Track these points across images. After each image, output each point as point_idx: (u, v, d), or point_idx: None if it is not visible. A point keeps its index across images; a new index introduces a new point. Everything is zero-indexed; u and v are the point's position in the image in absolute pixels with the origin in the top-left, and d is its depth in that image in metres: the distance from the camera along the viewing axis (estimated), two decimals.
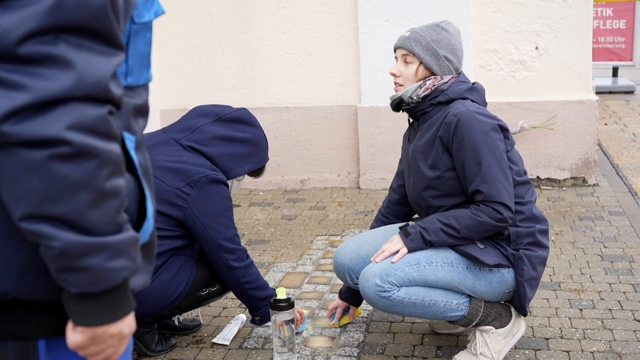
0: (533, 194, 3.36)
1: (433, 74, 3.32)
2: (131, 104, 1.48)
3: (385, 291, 3.15)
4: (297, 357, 3.51)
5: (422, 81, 3.32)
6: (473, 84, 3.41)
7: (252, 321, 3.59)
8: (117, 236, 1.33)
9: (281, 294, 3.43)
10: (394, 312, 3.24)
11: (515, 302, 3.34)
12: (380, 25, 6.34)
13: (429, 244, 3.23)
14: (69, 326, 1.39)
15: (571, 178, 6.42)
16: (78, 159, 1.26)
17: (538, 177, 6.45)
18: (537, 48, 6.30)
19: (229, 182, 3.51)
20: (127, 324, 1.42)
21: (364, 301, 3.80)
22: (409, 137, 3.53)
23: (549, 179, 6.44)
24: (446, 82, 3.30)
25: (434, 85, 3.29)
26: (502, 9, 6.30)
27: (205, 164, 3.38)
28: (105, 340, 1.40)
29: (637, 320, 3.79)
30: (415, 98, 3.32)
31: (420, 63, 3.32)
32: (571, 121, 6.33)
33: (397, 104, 3.43)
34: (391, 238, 3.33)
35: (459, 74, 3.38)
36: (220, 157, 3.44)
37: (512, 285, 3.29)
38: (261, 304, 3.50)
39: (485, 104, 3.39)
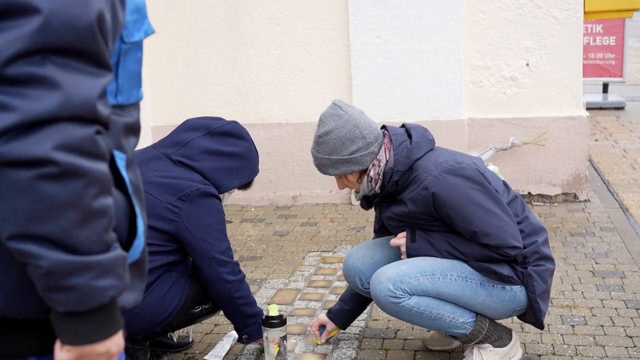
0: (525, 206, 3.37)
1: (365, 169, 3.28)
2: (122, 123, 1.49)
3: (396, 297, 3.15)
4: None
5: (366, 176, 3.27)
6: (406, 130, 3.35)
7: (240, 340, 3.57)
8: (105, 255, 1.34)
9: (273, 310, 3.42)
10: (399, 317, 3.25)
11: (530, 317, 3.36)
12: (371, 41, 6.36)
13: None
14: (57, 345, 1.39)
15: (562, 194, 6.43)
16: (65, 179, 1.27)
17: (529, 193, 6.46)
18: (527, 64, 6.33)
19: (220, 196, 3.50)
20: (115, 343, 1.41)
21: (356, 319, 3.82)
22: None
23: (540, 195, 6.45)
24: (386, 161, 3.24)
25: (378, 174, 3.25)
26: (493, 25, 6.33)
27: (197, 178, 3.37)
28: (93, 359, 1.39)
29: (629, 337, 3.79)
30: (375, 191, 3.31)
31: (346, 174, 3.31)
32: (562, 137, 6.35)
33: (367, 203, 3.46)
34: (399, 235, 3.35)
35: (384, 135, 3.30)
36: (210, 172, 3.42)
37: (524, 303, 3.30)
38: (249, 321, 3.49)
39: (429, 140, 3.32)
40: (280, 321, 3.42)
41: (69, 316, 1.35)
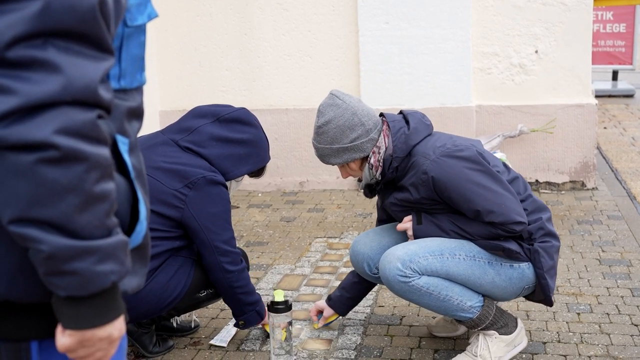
0: (527, 186, 3.39)
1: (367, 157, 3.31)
2: (125, 107, 1.48)
3: (405, 276, 3.16)
4: None
5: (367, 164, 3.31)
6: (403, 116, 3.37)
7: (237, 325, 3.59)
8: (106, 240, 1.33)
9: (279, 296, 3.42)
10: (406, 298, 3.25)
11: (538, 295, 3.36)
12: (380, 27, 6.34)
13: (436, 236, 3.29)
14: (58, 329, 1.39)
15: (570, 182, 6.41)
16: (66, 163, 1.26)
17: (537, 180, 6.44)
18: (536, 51, 6.30)
19: (227, 184, 3.50)
20: (117, 328, 1.41)
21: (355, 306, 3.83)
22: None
23: (547, 183, 6.44)
24: (385, 147, 3.27)
25: (378, 161, 3.28)
26: (502, 12, 6.30)
27: (204, 165, 3.36)
28: (95, 344, 1.40)
29: (635, 325, 3.79)
30: (377, 178, 3.34)
31: (348, 162, 3.33)
32: (570, 125, 6.33)
33: (370, 191, 3.47)
34: (404, 219, 3.36)
35: (382, 121, 3.34)
36: (217, 159, 3.42)
37: (532, 281, 3.31)
38: (247, 308, 3.50)
39: (426, 126, 3.35)
40: (286, 307, 3.42)
41: (70, 301, 1.35)
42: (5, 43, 1.23)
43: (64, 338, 1.39)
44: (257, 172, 3.62)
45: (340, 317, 3.86)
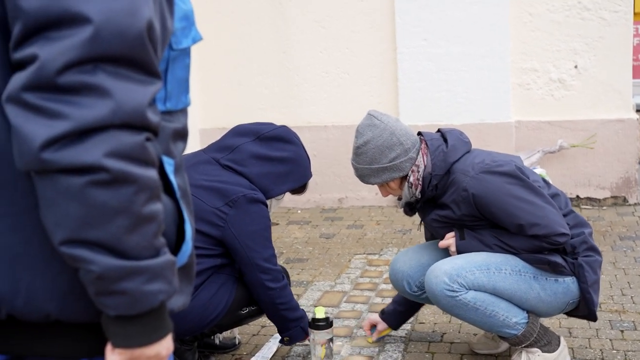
0: (568, 202, 3.39)
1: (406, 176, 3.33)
2: (170, 129, 1.51)
3: (453, 291, 3.16)
4: None
5: (406, 182, 3.32)
6: (441, 134, 3.39)
7: (281, 341, 3.59)
8: (154, 260, 1.36)
9: (319, 313, 3.44)
10: (452, 313, 3.25)
11: (582, 310, 3.35)
12: (418, 44, 6.35)
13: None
14: (108, 348, 1.42)
15: (611, 197, 6.36)
16: (116, 186, 1.29)
17: (578, 196, 6.40)
18: (576, 67, 6.27)
19: (267, 202, 3.52)
20: (165, 346, 1.44)
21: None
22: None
23: (588, 198, 6.39)
24: (424, 166, 3.29)
25: (417, 179, 3.30)
26: (541, 27, 6.28)
27: (244, 184, 3.38)
28: None
29: None
30: (416, 196, 3.35)
31: (388, 182, 3.35)
32: (611, 140, 6.28)
33: (410, 209, 3.49)
34: (446, 236, 3.37)
35: (420, 140, 3.35)
36: (258, 177, 3.43)
37: (576, 295, 3.30)
38: (291, 324, 3.50)
39: (465, 143, 3.36)
40: (327, 323, 3.43)
41: (119, 320, 1.37)
42: (57, 69, 1.26)
43: (113, 356, 1.41)
44: (299, 189, 3.63)
45: (393, 330, 3.88)
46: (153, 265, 1.35)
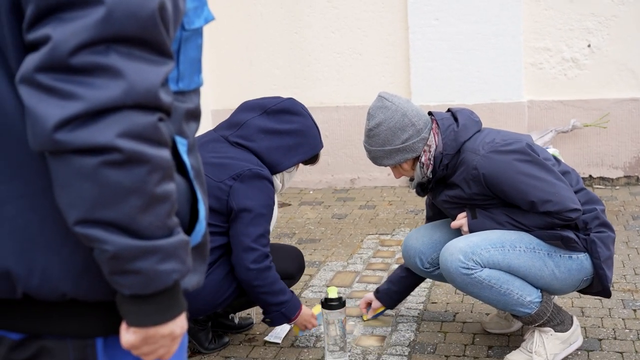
0: (579, 179, 3.38)
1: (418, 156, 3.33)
2: (183, 109, 1.52)
3: (468, 268, 3.17)
4: (349, 356, 3.53)
5: (418, 162, 3.33)
6: (452, 114, 3.39)
7: (264, 320, 3.52)
8: (168, 239, 1.37)
9: (332, 292, 3.44)
10: (467, 291, 3.26)
11: (596, 286, 3.35)
12: (430, 24, 6.33)
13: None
14: (123, 326, 1.43)
15: (624, 177, 6.34)
16: (129, 166, 1.30)
17: (590, 175, 6.38)
18: (589, 46, 6.23)
19: (278, 175, 3.50)
20: (179, 325, 1.45)
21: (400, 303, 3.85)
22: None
23: (601, 178, 6.37)
24: (436, 145, 3.29)
25: (429, 159, 3.30)
26: (554, 6, 6.24)
27: (252, 160, 3.37)
28: (158, 340, 1.43)
29: None
30: (428, 176, 3.36)
31: (401, 163, 3.35)
32: (624, 119, 6.25)
33: (422, 189, 3.49)
34: (458, 216, 3.38)
35: (432, 120, 3.35)
36: (267, 151, 3.42)
37: (590, 272, 3.30)
38: (271, 309, 3.42)
39: (475, 122, 3.36)
40: (340, 303, 3.44)
41: (134, 299, 1.39)
42: (69, 50, 1.27)
43: (128, 335, 1.43)
44: (311, 160, 3.61)
45: (388, 309, 3.91)
46: (166, 244, 1.36)
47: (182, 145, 1.50)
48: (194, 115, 1.57)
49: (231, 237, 3.34)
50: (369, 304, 3.90)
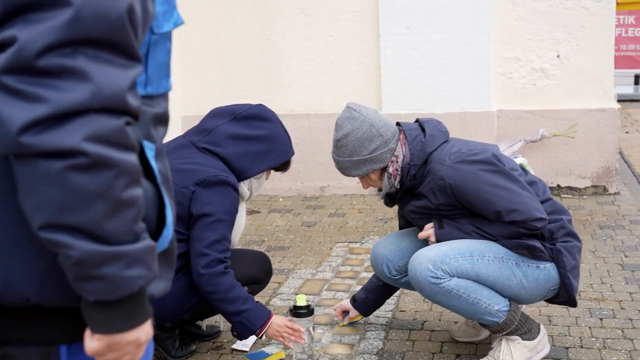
0: (546, 189, 3.41)
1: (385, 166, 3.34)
2: (151, 113, 1.50)
3: (437, 278, 3.17)
4: None
5: (386, 173, 3.33)
6: (419, 124, 3.39)
7: (233, 334, 3.44)
8: (134, 245, 1.35)
9: (301, 300, 3.43)
10: (435, 300, 3.26)
11: (563, 296, 3.37)
12: (401, 32, 6.35)
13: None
14: (87, 333, 1.41)
15: (592, 186, 6.39)
16: (95, 170, 1.28)
17: (559, 185, 6.42)
18: (558, 56, 6.29)
19: (247, 182, 3.47)
20: (144, 331, 1.43)
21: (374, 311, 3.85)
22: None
23: (569, 188, 6.42)
24: (403, 156, 3.30)
25: (396, 170, 3.31)
26: (524, 16, 6.29)
27: (218, 166, 3.34)
28: (123, 347, 1.41)
29: None
30: (395, 187, 3.36)
31: (369, 173, 3.36)
32: (592, 129, 6.31)
33: (391, 200, 3.49)
34: (425, 227, 3.38)
35: (399, 130, 3.35)
36: (235, 157, 3.39)
37: (557, 282, 3.32)
38: (231, 319, 3.31)
39: (442, 132, 3.37)
40: (308, 311, 3.43)
41: (99, 305, 1.37)
42: (36, 52, 1.25)
43: (92, 342, 1.40)
44: (282, 167, 3.59)
45: (364, 317, 3.93)
46: (133, 250, 1.35)
47: (149, 150, 1.48)
48: (162, 119, 1.56)
49: (189, 243, 3.29)
50: (344, 312, 3.90)
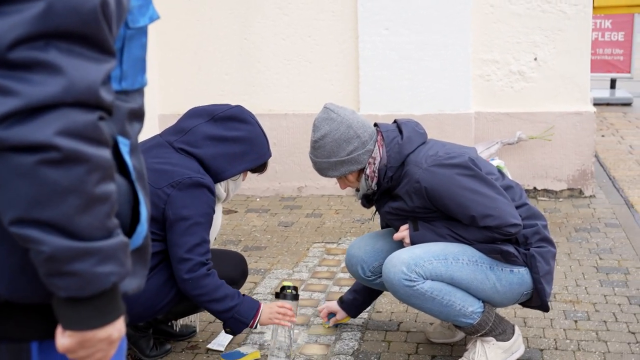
0: (523, 194, 3.41)
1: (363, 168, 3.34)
2: (126, 109, 1.49)
3: (410, 280, 3.17)
4: None
5: (363, 174, 3.33)
6: (397, 125, 3.40)
7: (225, 332, 3.45)
8: (107, 241, 1.34)
9: (287, 283, 3.50)
10: (409, 302, 3.27)
11: (535, 301, 3.39)
12: (380, 33, 6.35)
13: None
14: (58, 330, 1.40)
15: (568, 189, 6.42)
16: (67, 165, 1.27)
17: (535, 187, 6.45)
18: (535, 59, 6.31)
19: (223, 184, 3.46)
20: (117, 329, 1.42)
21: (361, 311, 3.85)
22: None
23: (545, 190, 6.44)
24: (380, 157, 3.30)
25: (373, 172, 3.31)
26: (502, 19, 6.31)
27: (193, 167, 3.31)
28: (94, 345, 1.40)
29: (632, 333, 3.79)
30: (373, 189, 3.37)
31: (346, 175, 3.36)
32: (569, 132, 6.34)
33: (368, 201, 3.50)
34: (400, 228, 3.38)
35: (377, 132, 3.35)
36: (212, 158, 3.36)
37: (530, 287, 3.33)
38: (222, 316, 3.33)
39: (420, 134, 3.37)
40: (295, 294, 3.48)
41: (70, 301, 1.35)
42: (7, 44, 1.23)
43: (63, 339, 1.39)
44: (259, 169, 3.57)
45: (351, 318, 3.91)
46: (105, 246, 1.33)
47: (124, 146, 1.47)
48: (138, 115, 1.55)
49: (168, 248, 3.27)
50: (330, 313, 3.89)
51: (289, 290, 3.46)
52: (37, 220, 1.28)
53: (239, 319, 3.33)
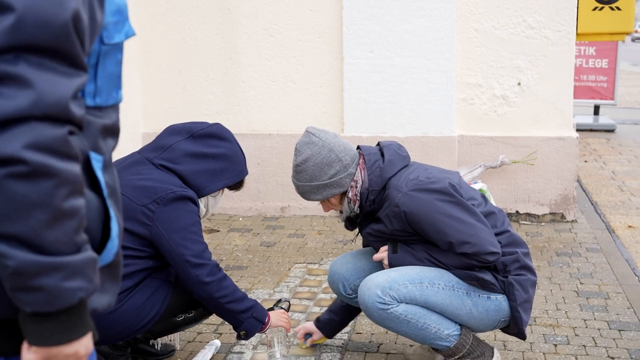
0: (505, 220, 3.40)
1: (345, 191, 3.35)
2: (99, 124, 1.48)
3: (385, 303, 3.18)
4: None
5: (345, 198, 3.35)
6: (380, 148, 3.41)
7: (238, 337, 3.46)
8: (74, 256, 1.33)
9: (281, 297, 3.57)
10: (384, 325, 3.27)
11: (512, 328, 3.38)
12: (364, 56, 6.37)
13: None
14: (24, 346, 1.38)
15: (550, 214, 6.44)
16: (35, 179, 1.26)
17: (517, 211, 6.46)
18: (519, 84, 6.35)
19: (203, 200, 3.46)
20: (84, 345, 1.40)
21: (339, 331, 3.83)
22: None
23: (527, 214, 6.46)
24: (362, 181, 3.32)
25: (355, 195, 3.33)
26: (486, 44, 6.35)
27: (175, 182, 3.32)
28: None
29: (611, 357, 3.79)
30: (355, 211, 3.38)
31: (329, 198, 3.38)
32: (551, 157, 6.36)
33: (351, 223, 3.51)
34: (380, 249, 3.39)
35: (359, 155, 3.37)
36: (192, 175, 3.38)
37: (508, 314, 3.33)
38: (243, 317, 3.37)
39: (402, 157, 3.38)
40: (288, 307, 3.63)
41: (36, 317, 1.34)
42: None
43: (29, 355, 1.37)
44: (236, 186, 3.59)
45: (328, 339, 3.90)
46: (73, 261, 1.32)
47: (96, 162, 1.46)
48: (112, 131, 1.54)
49: (174, 263, 3.27)
50: (307, 333, 3.87)
51: (285, 302, 3.58)
52: (3, 234, 1.27)
53: (257, 318, 3.40)
